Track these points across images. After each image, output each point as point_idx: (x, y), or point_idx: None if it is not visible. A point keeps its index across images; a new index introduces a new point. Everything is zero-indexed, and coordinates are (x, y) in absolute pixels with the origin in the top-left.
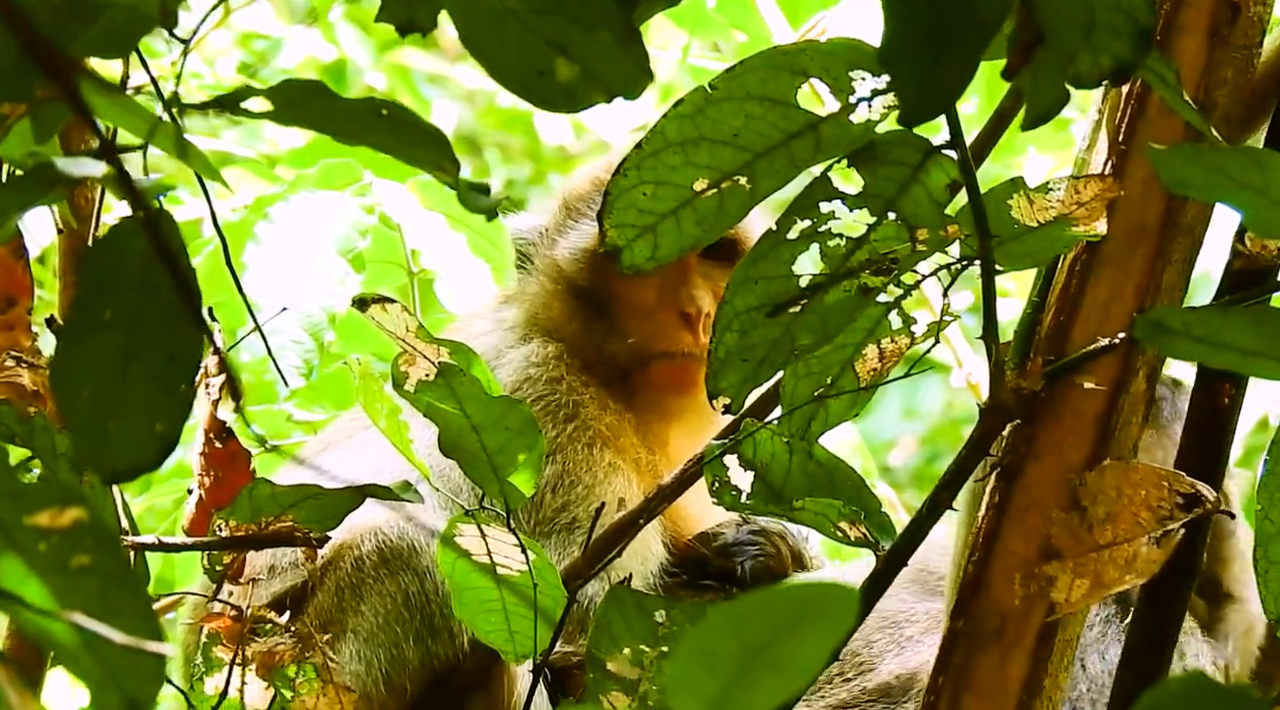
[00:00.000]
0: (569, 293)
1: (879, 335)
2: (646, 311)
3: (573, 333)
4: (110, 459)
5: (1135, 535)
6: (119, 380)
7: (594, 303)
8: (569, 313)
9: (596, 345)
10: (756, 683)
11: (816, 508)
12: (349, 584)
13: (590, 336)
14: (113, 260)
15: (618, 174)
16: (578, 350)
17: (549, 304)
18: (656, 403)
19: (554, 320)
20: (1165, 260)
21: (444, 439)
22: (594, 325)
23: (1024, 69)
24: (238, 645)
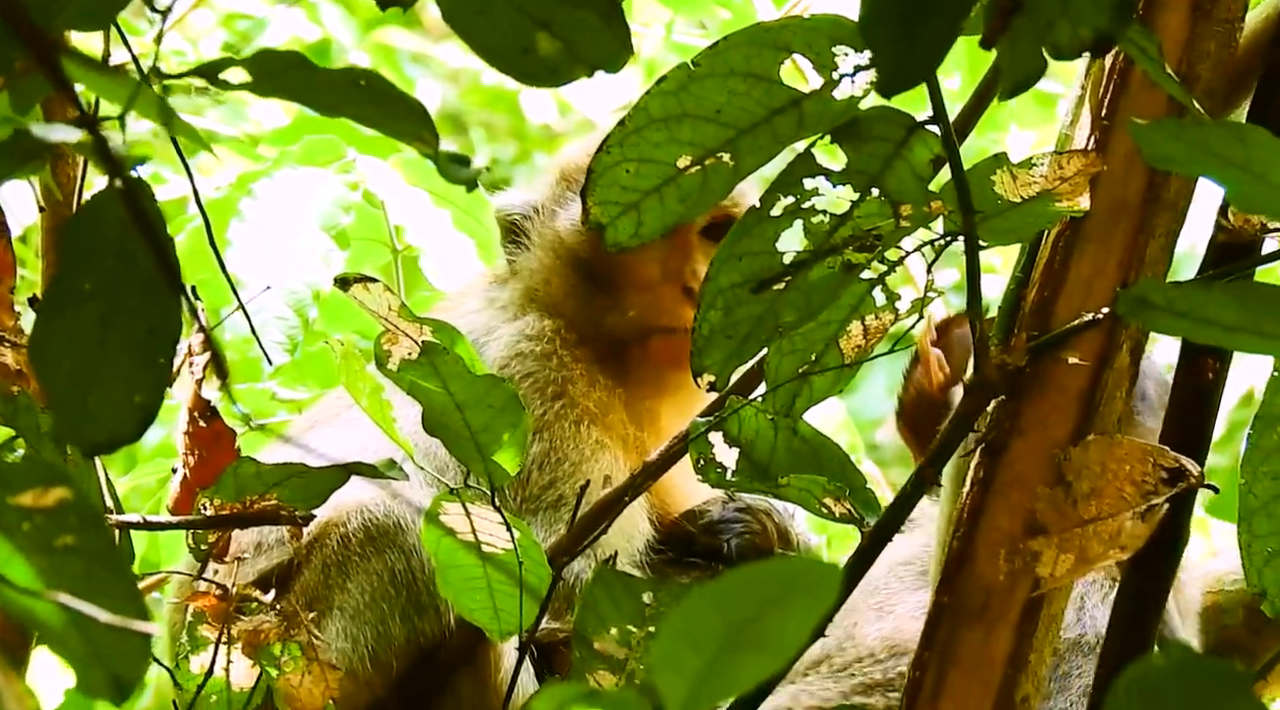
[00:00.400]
0: (569, 266)
1: (863, 312)
2: (649, 286)
3: (572, 307)
4: (90, 431)
5: (1120, 510)
6: (98, 351)
7: (595, 276)
8: (569, 287)
9: (596, 319)
10: (741, 659)
11: (801, 484)
12: (335, 562)
13: (590, 311)
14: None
15: (600, 151)
16: (575, 325)
17: (548, 279)
18: (652, 378)
19: (552, 295)
20: (1148, 235)
21: (428, 417)
22: (594, 299)
23: (1002, 37)
24: (223, 624)
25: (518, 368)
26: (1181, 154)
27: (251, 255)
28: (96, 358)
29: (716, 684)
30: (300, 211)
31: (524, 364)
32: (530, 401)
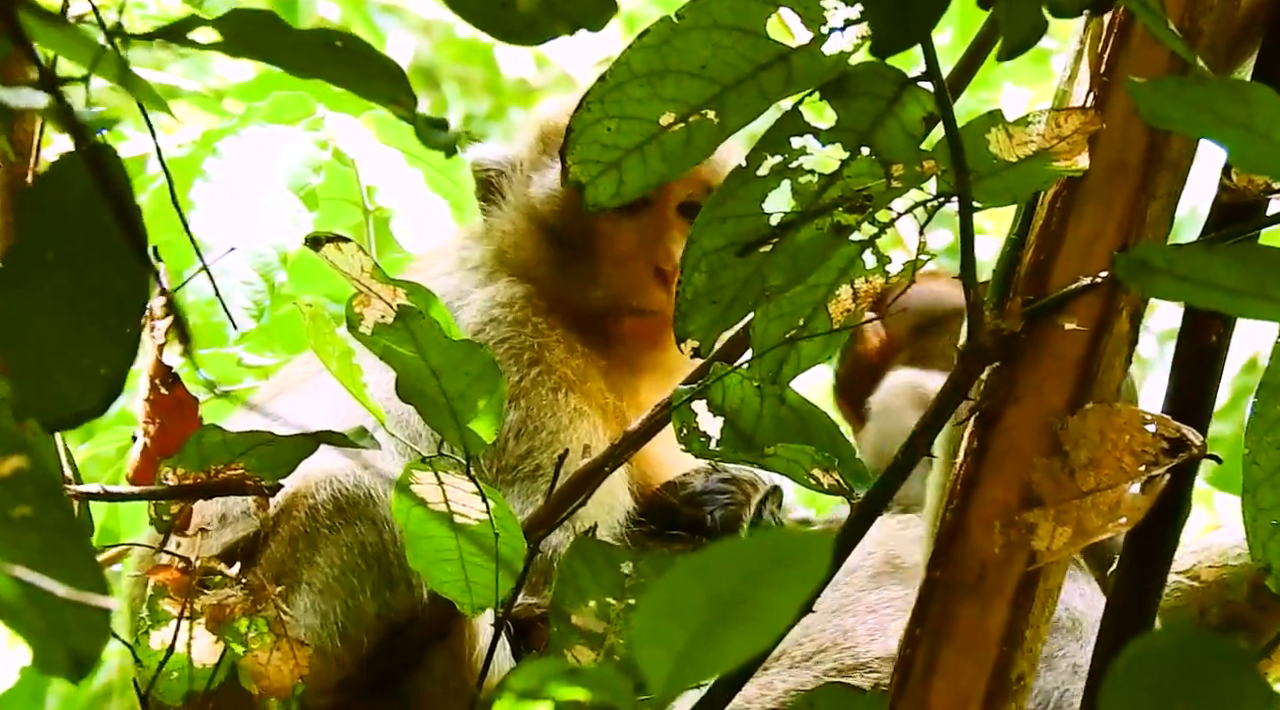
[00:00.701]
0: (542, 232)
1: (852, 275)
2: (621, 262)
3: (543, 275)
4: (53, 405)
5: (1119, 481)
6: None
7: (568, 245)
8: (540, 254)
9: (567, 290)
10: (726, 635)
11: (788, 454)
12: (303, 534)
13: (561, 280)
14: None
15: (580, 108)
16: (547, 292)
17: (519, 243)
18: (627, 355)
19: (523, 260)
20: (1149, 196)
21: (401, 383)
22: (566, 269)
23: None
24: (186, 598)
25: (492, 333)
26: (1182, 114)
27: (216, 216)
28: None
29: (701, 660)
30: (267, 171)
31: (498, 330)
32: (506, 368)
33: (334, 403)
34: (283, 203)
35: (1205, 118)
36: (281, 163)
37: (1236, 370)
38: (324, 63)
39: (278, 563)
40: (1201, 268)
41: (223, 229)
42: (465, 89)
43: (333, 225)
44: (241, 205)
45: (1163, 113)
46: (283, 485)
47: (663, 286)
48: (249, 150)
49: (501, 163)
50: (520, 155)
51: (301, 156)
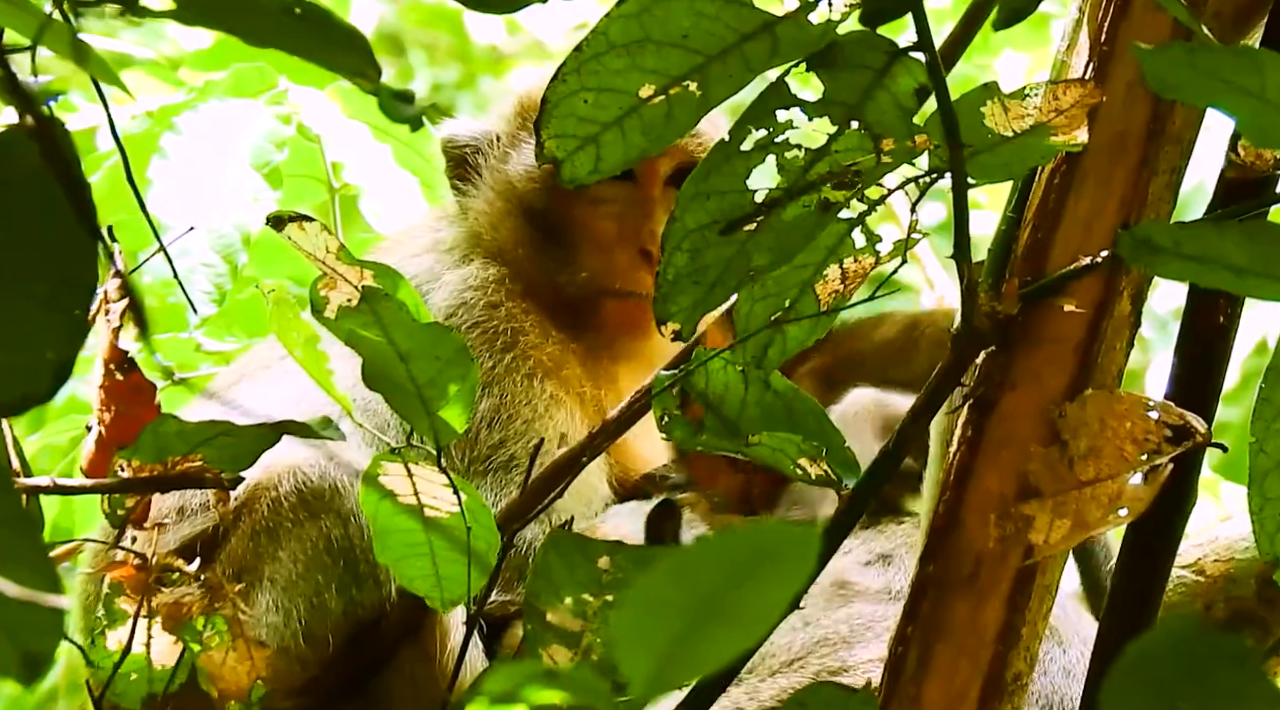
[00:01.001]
0: (520, 212)
1: (841, 255)
2: (604, 244)
3: (520, 257)
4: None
5: (1120, 471)
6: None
7: (548, 227)
8: (518, 234)
9: (547, 274)
10: (710, 634)
11: (774, 443)
12: (265, 528)
13: (540, 263)
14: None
15: (556, 79)
16: (523, 275)
17: (496, 223)
18: (607, 342)
19: (500, 241)
20: (1151, 171)
21: (368, 370)
22: (545, 251)
23: None
24: (142, 596)
25: (464, 317)
26: (1190, 81)
27: (175, 195)
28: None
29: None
30: (228, 147)
31: (471, 313)
32: (479, 354)
33: (298, 390)
34: (245, 180)
35: (1215, 86)
36: (243, 138)
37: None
38: (285, 32)
39: (239, 558)
40: (1209, 246)
41: (182, 208)
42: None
43: (297, 203)
44: (201, 183)
45: (1170, 81)
46: (244, 478)
47: (647, 268)
48: (209, 125)
49: (476, 138)
50: (496, 130)
51: (264, 132)
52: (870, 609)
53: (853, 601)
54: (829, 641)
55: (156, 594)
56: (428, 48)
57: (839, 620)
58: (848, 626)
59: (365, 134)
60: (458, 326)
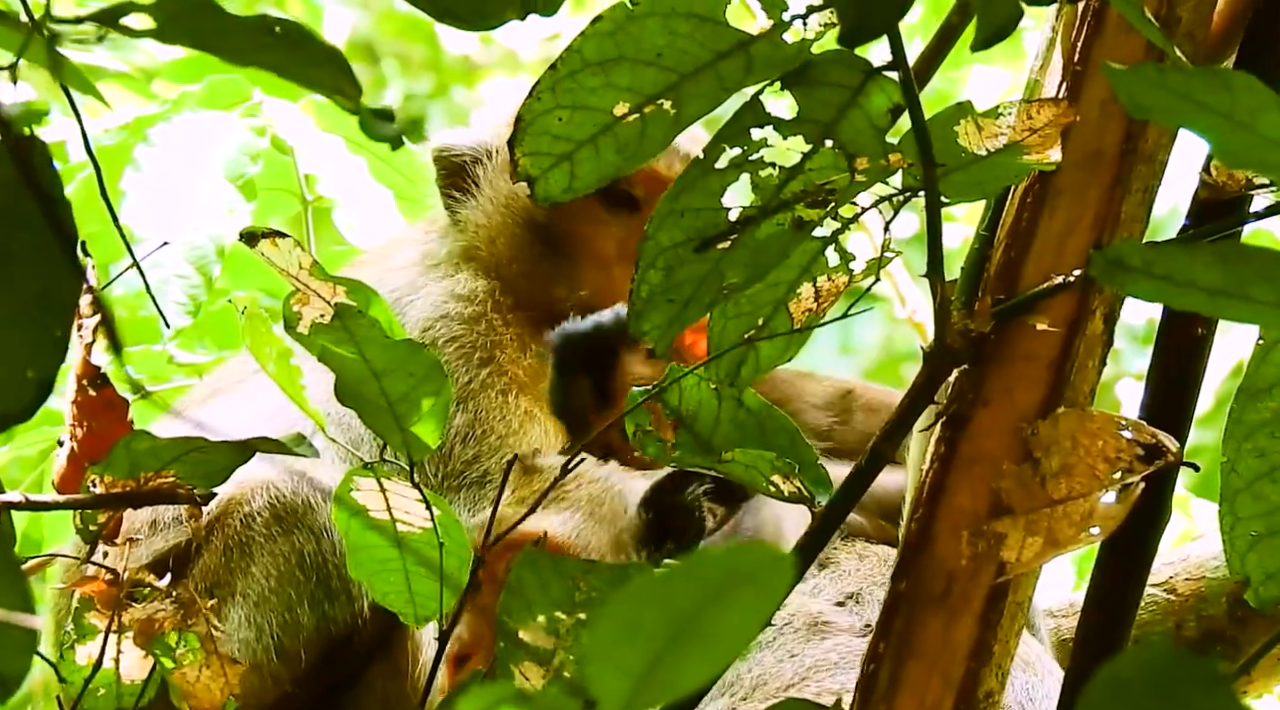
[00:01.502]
0: (520, 227)
1: (815, 273)
2: (605, 263)
3: (515, 272)
4: None
5: (1092, 489)
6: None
7: (549, 244)
8: (516, 250)
9: (542, 290)
10: (683, 655)
11: (747, 459)
12: (238, 543)
13: (537, 278)
14: None
15: (530, 97)
16: (516, 289)
17: (494, 236)
18: None
19: (496, 255)
20: (1124, 190)
21: (341, 385)
22: (542, 266)
23: None
24: (113, 611)
25: (442, 330)
26: (1162, 102)
27: (148, 207)
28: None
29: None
30: (202, 159)
31: (449, 326)
32: (455, 368)
33: (273, 405)
34: (219, 193)
35: (1186, 106)
36: (217, 150)
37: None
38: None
39: (210, 573)
40: (1180, 267)
41: (156, 220)
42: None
43: (271, 216)
44: (175, 195)
45: (1142, 101)
46: (216, 493)
47: None
48: (182, 137)
49: (474, 149)
50: (494, 142)
51: (238, 144)
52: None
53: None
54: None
55: (127, 609)
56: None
57: (826, 650)
58: (836, 655)
59: (339, 147)
60: (435, 339)
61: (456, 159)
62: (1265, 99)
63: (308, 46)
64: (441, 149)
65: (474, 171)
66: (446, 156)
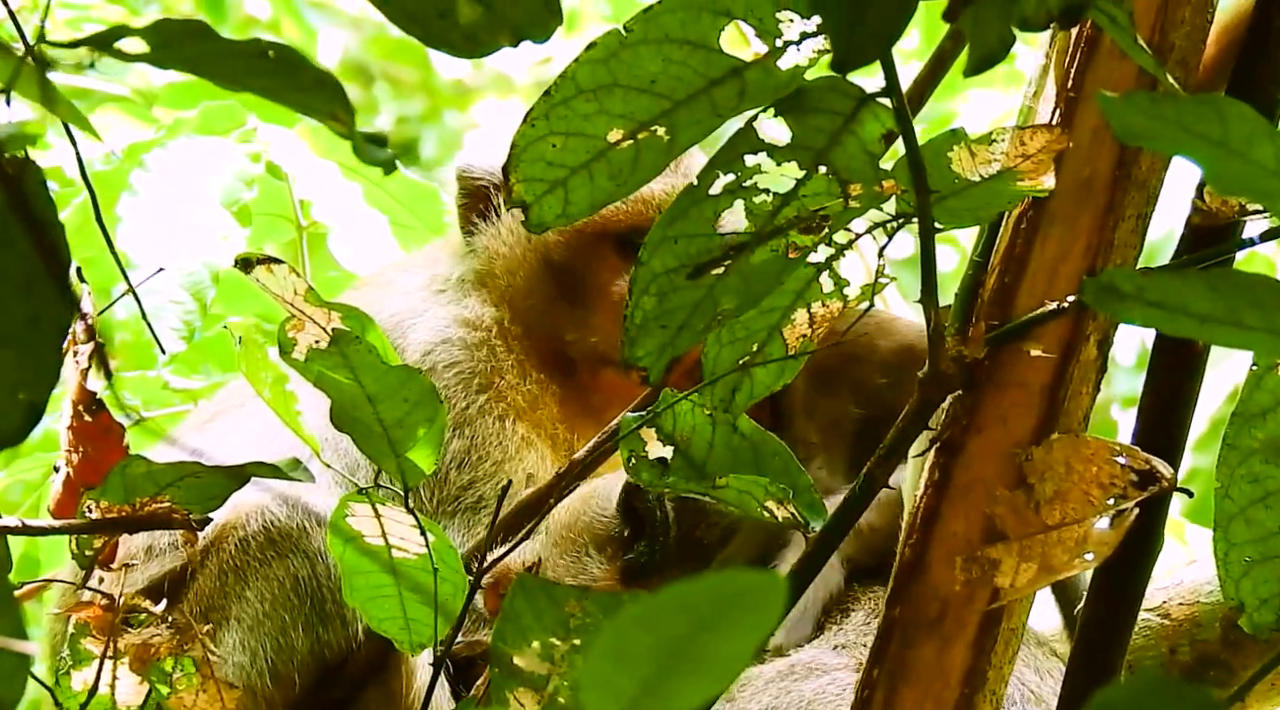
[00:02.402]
0: (539, 261)
1: (809, 299)
2: (617, 311)
3: (527, 308)
4: None
5: (1086, 515)
6: None
7: (565, 283)
8: (532, 283)
9: (554, 328)
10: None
11: (741, 485)
12: (233, 567)
13: (550, 317)
14: None
15: (524, 123)
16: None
17: (512, 268)
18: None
19: (512, 285)
20: (1118, 216)
21: (336, 411)
22: (557, 306)
23: (965, 9)
24: (109, 637)
25: (443, 355)
26: (1155, 130)
27: (144, 233)
28: None
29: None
30: (197, 185)
31: (450, 351)
32: (453, 393)
33: (270, 430)
34: (214, 218)
35: (1179, 134)
36: (212, 176)
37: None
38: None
39: (206, 597)
40: (1173, 293)
41: (151, 246)
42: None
43: (266, 241)
44: (170, 220)
45: (1135, 128)
46: (211, 518)
47: None
48: (178, 163)
49: (494, 173)
50: None
51: (233, 170)
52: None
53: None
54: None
55: (123, 634)
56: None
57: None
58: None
59: (334, 172)
60: (434, 364)
61: (478, 182)
62: (1258, 127)
63: (301, 71)
64: (463, 170)
65: (495, 198)
66: (468, 178)
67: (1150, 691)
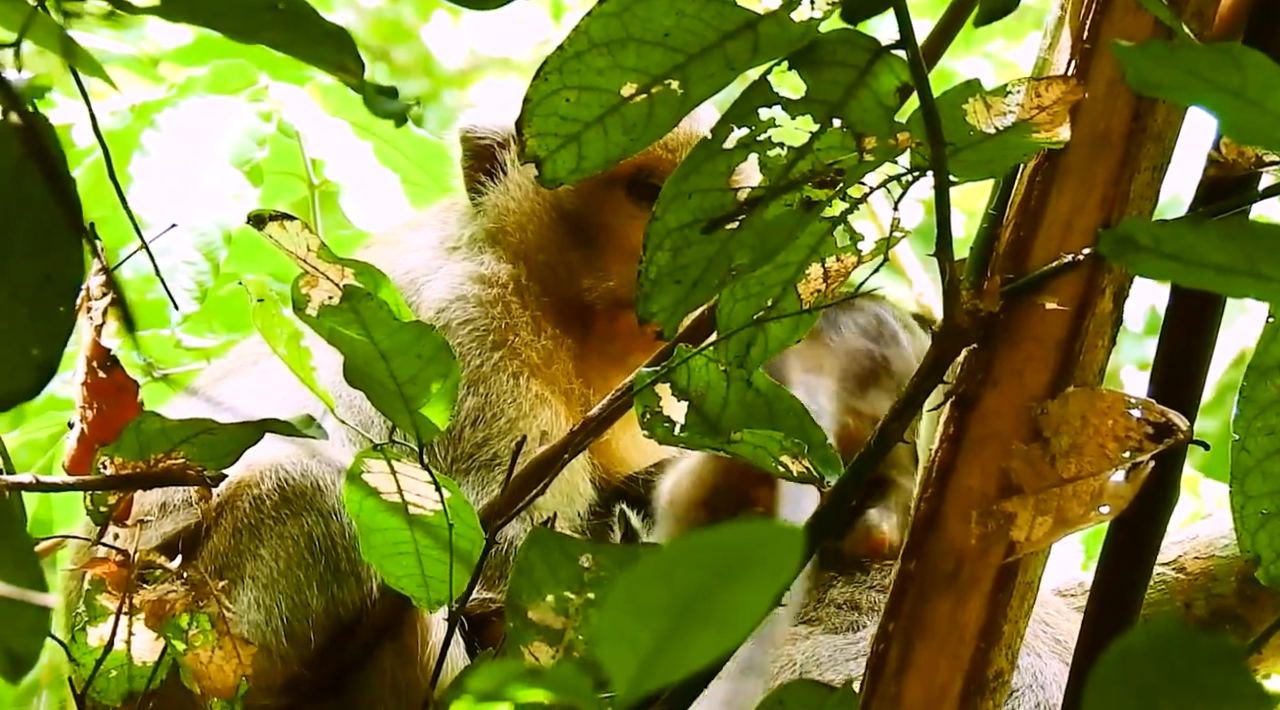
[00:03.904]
0: (550, 213)
1: (823, 253)
2: (632, 255)
3: (542, 261)
4: None
5: (1101, 468)
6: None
7: (579, 231)
8: (543, 235)
9: (570, 277)
10: (693, 634)
11: (756, 440)
12: (247, 526)
13: (564, 266)
14: None
15: (537, 78)
16: (540, 276)
17: (522, 222)
18: (615, 353)
19: (525, 241)
20: (1133, 169)
21: (349, 367)
22: (570, 255)
23: None
24: (124, 593)
25: (457, 312)
26: (1171, 79)
27: (155, 192)
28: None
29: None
30: (209, 144)
31: (465, 308)
32: (468, 351)
33: (284, 387)
34: (225, 178)
35: (1195, 84)
36: (223, 135)
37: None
38: (266, 26)
39: (220, 556)
40: (1190, 245)
41: (163, 205)
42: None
43: (278, 200)
44: (182, 180)
45: (1151, 79)
46: (226, 475)
47: None
48: (189, 122)
49: (501, 132)
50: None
51: (244, 129)
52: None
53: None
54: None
55: (138, 591)
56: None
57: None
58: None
59: (346, 131)
60: (449, 321)
61: (482, 142)
62: (1274, 75)
63: (309, 23)
64: (468, 131)
65: (500, 156)
66: (472, 139)
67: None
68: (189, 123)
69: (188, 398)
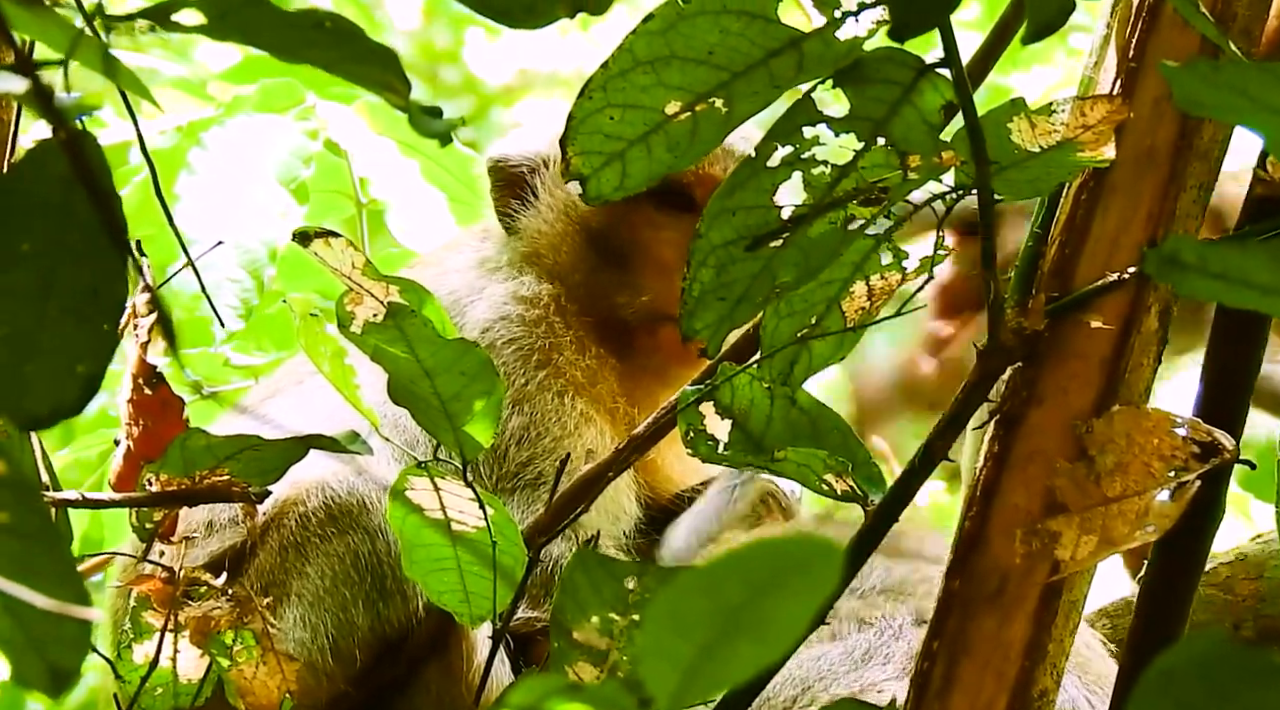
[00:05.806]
0: (581, 234)
1: (867, 271)
2: (665, 269)
3: (577, 281)
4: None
5: (1147, 487)
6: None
7: (609, 249)
8: (577, 256)
9: (606, 295)
10: (734, 648)
11: (799, 458)
12: (293, 543)
13: (599, 286)
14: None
15: (582, 96)
16: (577, 297)
17: (555, 244)
18: (655, 367)
19: (560, 262)
20: (1179, 187)
21: (394, 385)
22: (603, 273)
23: None
24: (169, 610)
25: (501, 332)
26: (1217, 99)
27: (202, 210)
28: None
29: (708, 674)
30: (256, 162)
31: (509, 328)
32: (512, 370)
33: (330, 406)
34: (272, 196)
35: (1242, 103)
36: (270, 154)
37: None
38: (312, 44)
39: (266, 573)
40: (1236, 264)
41: (209, 223)
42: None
43: (324, 218)
44: (228, 198)
45: (1197, 98)
46: (271, 492)
47: None
48: (236, 140)
49: (530, 159)
50: (549, 151)
51: (291, 147)
52: None
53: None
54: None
55: (184, 608)
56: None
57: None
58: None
59: (392, 149)
60: (493, 341)
61: (513, 170)
62: None
63: (356, 42)
64: (498, 160)
65: (531, 181)
66: (503, 167)
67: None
68: (236, 141)
69: (235, 415)
